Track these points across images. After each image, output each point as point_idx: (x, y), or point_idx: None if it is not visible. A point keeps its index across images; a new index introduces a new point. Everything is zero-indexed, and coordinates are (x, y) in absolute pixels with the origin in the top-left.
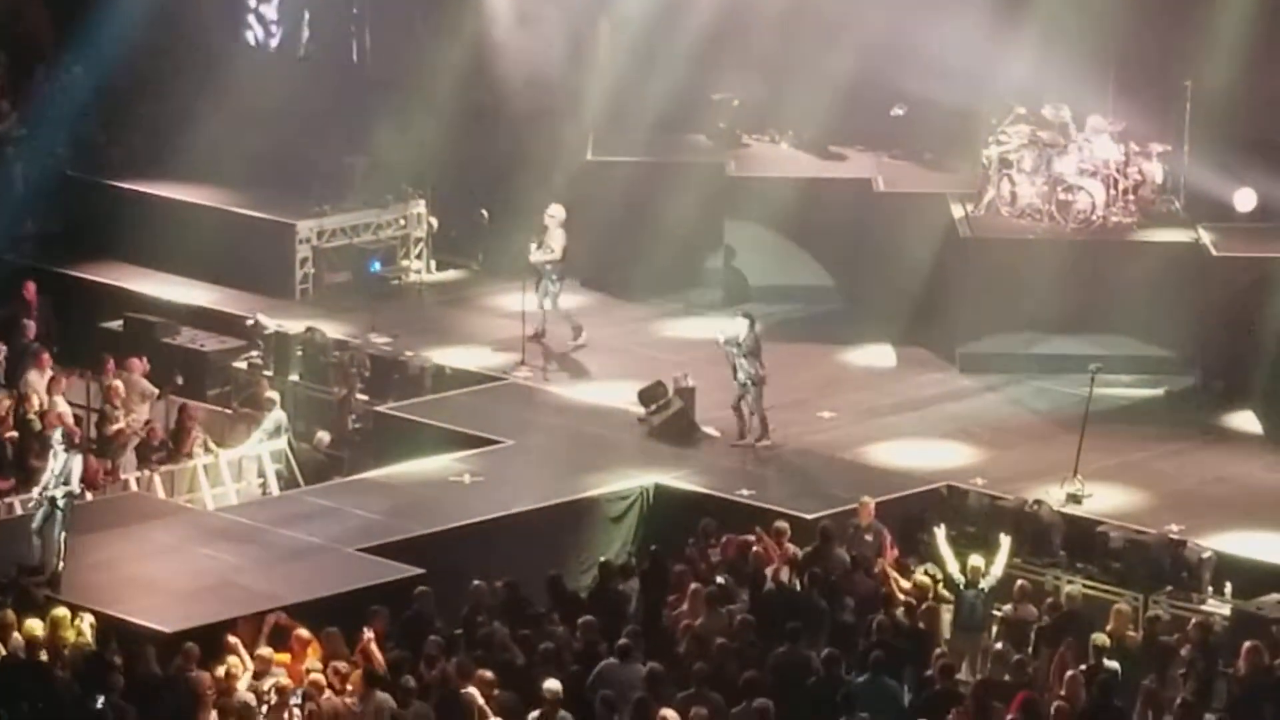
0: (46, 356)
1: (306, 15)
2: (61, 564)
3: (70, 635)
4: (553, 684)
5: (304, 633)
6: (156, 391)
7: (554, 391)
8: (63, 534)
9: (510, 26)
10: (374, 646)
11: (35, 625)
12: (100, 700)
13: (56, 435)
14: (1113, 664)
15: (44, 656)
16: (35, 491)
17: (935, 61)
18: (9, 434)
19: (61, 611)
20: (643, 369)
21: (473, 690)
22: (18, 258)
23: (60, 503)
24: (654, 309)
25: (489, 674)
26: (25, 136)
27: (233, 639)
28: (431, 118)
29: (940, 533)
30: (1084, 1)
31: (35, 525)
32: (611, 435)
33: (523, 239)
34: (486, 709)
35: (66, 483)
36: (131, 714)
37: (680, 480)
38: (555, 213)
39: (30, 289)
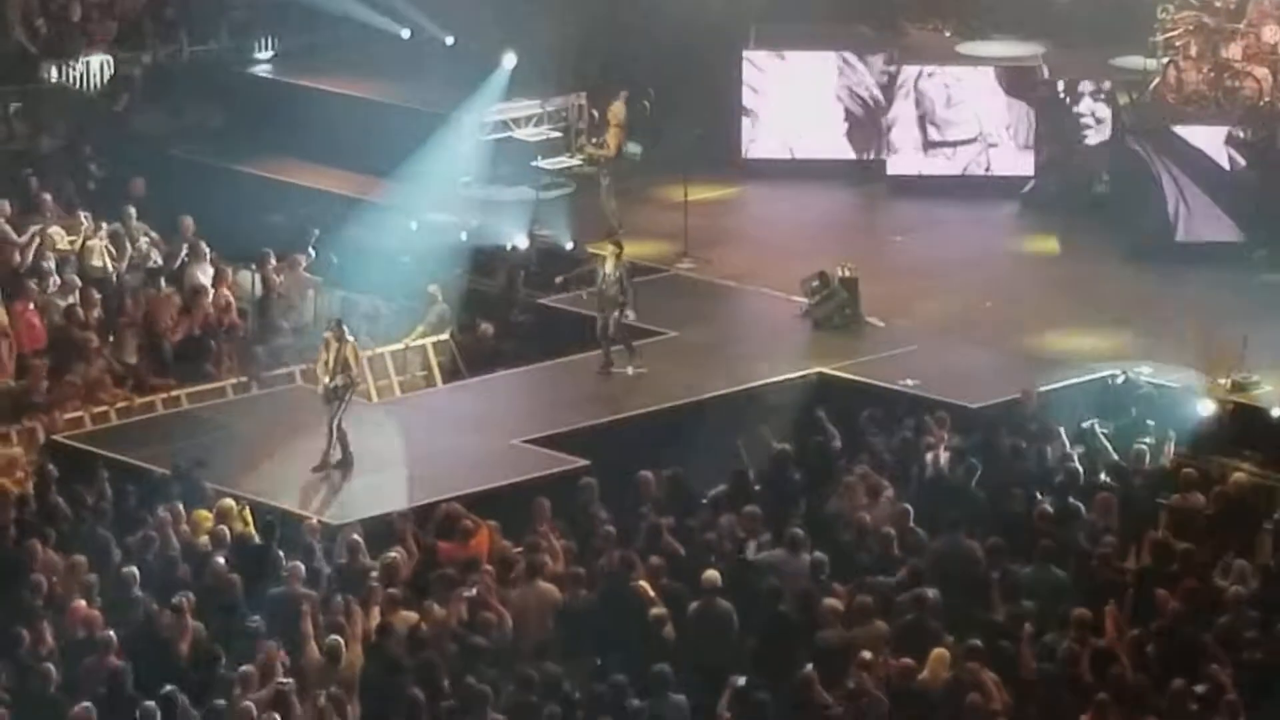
0: (210, 251)
1: None
2: (347, 451)
3: (239, 526)
4: (711, 574)
5: (469, 523)
6: (320, 281)
7: (717, 282)
8: (340, 421)
9: None
10: (540, 537)
11: (204, 516)
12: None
13: (332, 324)
14: None
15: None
16: (319, 388)
17: None
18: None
19: (228, 503)
20: (806, 259)
21: (640, 582)
22: (182, 153)
23: (340, 392)
24: (819, 199)
25: (657, 561)
26: (190, 31)
27: (403, 528)
28: (591, 8)
29: (1094, 423)
30: None
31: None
32: (775, 325)
33: (684, 130)
34: (654, 598)
35: (344, 370)
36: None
37: (843, 370)
38: (616, 110)
39: (138, 185)
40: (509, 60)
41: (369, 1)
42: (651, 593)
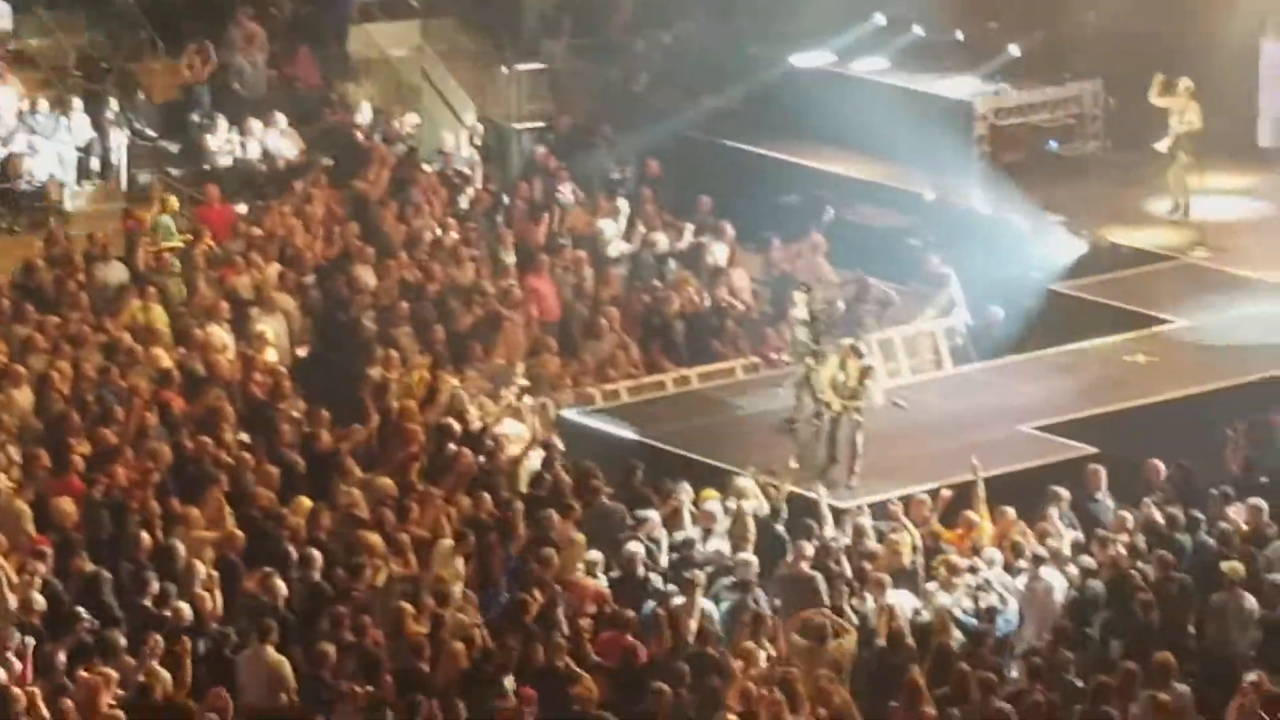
0: (729, 231)
1: None
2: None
3: (753, 506)
4: (1234, 565)
5: (972, 515)
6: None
7: (1230, 271)
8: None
9: None
10: (1049, 525)
11: (710, 494)
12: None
13: (849, 344)
14: None
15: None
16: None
17: None
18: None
19: (743, 483)
20: None
21: (1131, 570)
22: (697, 134)
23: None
24: None
25: (1169, 556)
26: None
27: (908, 513)
28: None
29: None
30: None
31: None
32: None
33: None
34: (1142, 585)
35: (853, 394)
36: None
37: None
38: (1189, 83)
39: (653, 166)
40: (1014, 48)
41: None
42: (1141, 580)
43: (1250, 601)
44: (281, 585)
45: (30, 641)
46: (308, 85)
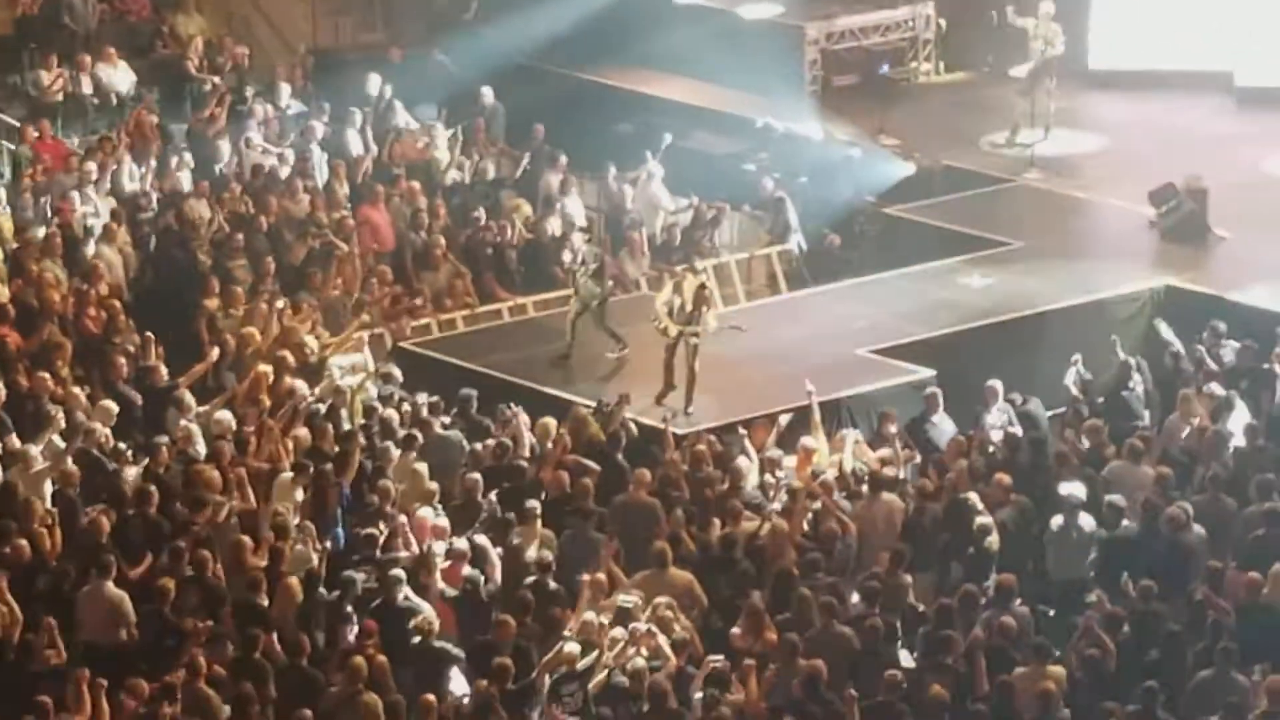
0: (562, 159)
1: None
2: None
3: (595, 431)
4: (1074, 488)
5: (810, 441)
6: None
7: (1063, 193)
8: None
9: None
10: (887, 449)
11: (549, 423)
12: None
13: (686, 266)
14: None
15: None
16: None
17: None
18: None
19: (583, 411)
20: (1152, 173)
21: (970, 493)
22: (530, 61)
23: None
24: (1167, 109)
25: (1007, 479)
26: None
27: (743, 439)
28: None
29: None
30: None
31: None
32: (1122, 237)
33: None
34: (982, 509)
35: (693, 320)
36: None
37: (1192, 282)
38: (1050, 7)
39: (486, 94)
40: None
41: None
42: (979, 503)
43: (1089, 523)
44: (106, 522)
45: None
46: (139, 18)
